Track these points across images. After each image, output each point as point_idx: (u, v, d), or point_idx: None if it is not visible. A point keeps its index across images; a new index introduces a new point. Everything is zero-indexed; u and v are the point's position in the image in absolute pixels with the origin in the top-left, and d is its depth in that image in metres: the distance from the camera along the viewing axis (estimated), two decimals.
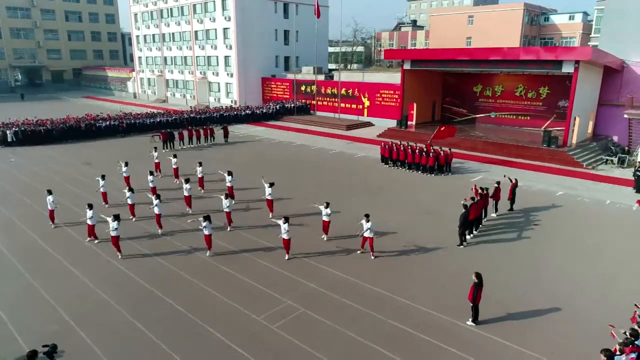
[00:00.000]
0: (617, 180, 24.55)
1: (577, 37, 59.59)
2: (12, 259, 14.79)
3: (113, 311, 11.84)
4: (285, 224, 14.30)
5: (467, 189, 22.04)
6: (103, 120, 37.53)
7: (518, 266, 14.49)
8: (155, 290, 12.88)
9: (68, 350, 9.96)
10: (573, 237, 16.89)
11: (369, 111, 42.86)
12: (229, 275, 13.76)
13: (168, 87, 63.07)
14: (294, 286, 13.11)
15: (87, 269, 14.07)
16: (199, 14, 54.15)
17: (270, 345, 10.49)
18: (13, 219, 18.25)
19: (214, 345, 10.52)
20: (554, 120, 34.00)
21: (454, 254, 15.40)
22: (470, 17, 62.82)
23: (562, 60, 27.11)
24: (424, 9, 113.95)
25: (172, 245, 15.85)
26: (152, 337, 10.75)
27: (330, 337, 10.80)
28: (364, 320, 11.48)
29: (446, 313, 11.81)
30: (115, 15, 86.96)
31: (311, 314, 11.69)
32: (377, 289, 13.03)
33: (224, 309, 11.97)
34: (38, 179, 24.10)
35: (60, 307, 11.95)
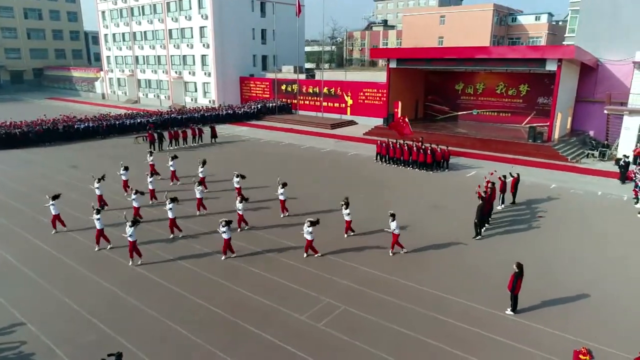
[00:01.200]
0: (601, 173, 25.81)
1: (543, 37, 62.20)
2: (27, 270, 14.03)
3: (150, 317, 11.47)
4: (310, 227, 14.26)
5: (465, 185, 22.83)
6: (81, 122, 36.04)
7: (537, 256, 15.00)
8: (187, 294, 12.55)
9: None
10: (578, 228, 17.66)
11: (352, 110, 43.14)
12: (259, 276, 13.59)
13: (140, 88, 61.23)
14: (328, 284, 13.09)
15: (108, 275, 13.55)
16: (173, 12, 52.87)
17: (322, 343, 10.45)
18: (12, 227, 17.28)
19: (266, 345, 10.38)
20: (533, 117, 35.35)
21: (473, 246, 15.79)
22: (442, 17, 64.41)
23: (546, 58, 28.22)
24: (391, 9, 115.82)
25: (191, 247, 15.47)
26: (200, 341, 10.49)
27: (378, 332, 10.87)
28: (406, 314, 11.61)
29: (482, 303, 12.11)
30: (78, 13, 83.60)
31: (354, 311, 11.72)
32: (410, 283, 13.20)
33: (264, 309, 11.81)
34: (26, 185, 22.92)
35: (91, 316, 11.47)
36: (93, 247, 15.40)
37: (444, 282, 13.23)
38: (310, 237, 14.37)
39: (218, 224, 14.47)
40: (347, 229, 16.38)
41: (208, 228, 17.05)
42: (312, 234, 14.37)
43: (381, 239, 16.00)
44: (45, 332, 10.78)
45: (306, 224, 14.32)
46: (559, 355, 9.96)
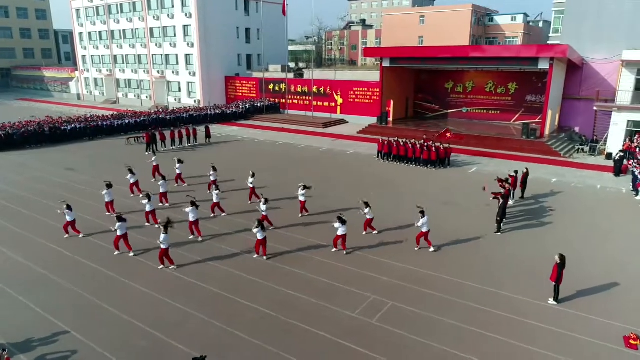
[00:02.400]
0: (594, 167, 26.86)
1: (519, 37, 64.07)
2: (54, 277, 13.47)
3: (198, 319, 11.23)
4: (342, 225, 14.28)
5: (470, 181, 23.41)
6: (68, 123, 34.78)
7: (559, 248, 15.38)
8: (228, 294, 12.36)
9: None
10: (589, 220, 18.32)
11: (342, 109, 43.31)
12: (296, 275, 13.51)
13: (119, 88, 59.58)
14: (368, 281, 13.15)
15: (140, 279, 13.19)
16: (154, 10, 51.67)
17: (381, 339, 10.50)
18: (26, 234, 16.53)
19: (323, 343, 10.36)
20: (522, 114, 36.42)
21: (497, 241, 16.17)
22: (422, 17, 65.41)
23: (539, 57, 29.14)
24: (365, 9, 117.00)
25: (218, 248, 15.20)
26: (258, 342, 10.35)
27: (432, 326, 11.00)
28: (452, 307, 11.79)
29: (523, 294, 12.43)
30: (47, 11, 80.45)
31: (402, 306, 11.82)
32: (446, 276, 13.42)
33: (311, 308, 11.76)
34: (24, 189, 21.97)
35: (138, 321, 11.13)
36: (112, 250, 14.94)
37: (479, 275, 13.50)
38: (341, 232, 14.38)
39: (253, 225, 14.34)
40: (366, 227, 16.41)
41: (228, 228, 16.86)
42: (344, 230, 14.39)
43: (401, 235, 16.20)
44: (94, 340, 10.40)
45: (337, 222, 14.33)
46: (610, 341, 10.35)
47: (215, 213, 18.20)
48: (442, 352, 10.05)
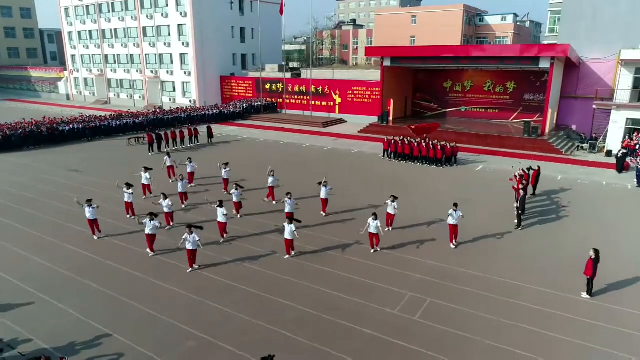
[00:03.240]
0: (596, 164, 27.44)
1: (509, 37, 65.05)
2: (84, 280, 13.25)
3: (240, 320, 11.18)
4: (375, 221, 14.36)
5: (479, 178, 23.84)
6: (66, 124, 34.14)
7: (580, 243, 15.78)
8: (265, 294, 12.32)
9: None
10: (602, 216, 18.71)
11: (341, 108, 43.40)
12: (330, 273, 13.52)
13: (110, 88, 58.67)
14: (401, 278, 13.23)
15: (173, 281, 13.05)
16: (147, 10, 51.01)
17: (425, 334, 10.60)
18: (46, 237, 16.20)
19: (371, 340, 10.40)
20: (520, 113, 37.01)
21: (519, 237, 16.43)
22: (414, 17, 65.92)
23: (540, 56, 29.67)
24: (353, 9, 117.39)
25: (248, 250, 15.09)
26: (304, 340, 10.36)
27: (473, 321, 11.13)
28: (488, 302, 11.95)
29: (554, 289, 12.66)
30: (32, 10, 78.69)
31: (440, 303, 11.94)
32: (477, 272, 13.59)
33: (351, 306, 11.79)
34: (33, 191, 21.52)
35: (180, 323, 11.02)
36: (139, 252, 14.77)
37: (506, 270, 13.72)
38: (376, 231, 14.46)
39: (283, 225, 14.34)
40: (389, 224, 16.51)
41: (251, 229, 16.79)
42: (379, 228, 14.46)
43: (423, 233, 16.38)
44: (139, 342, 10.27)
45: (372, 218, 14.41)
46: None
47: (239, 213, 18.06)
48: (485, 346, 10.19)
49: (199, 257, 13.85)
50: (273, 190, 19.52)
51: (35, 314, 11.36)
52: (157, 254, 14.67)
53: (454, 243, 15.40)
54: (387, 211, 16.14)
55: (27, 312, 11.42)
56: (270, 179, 19.41)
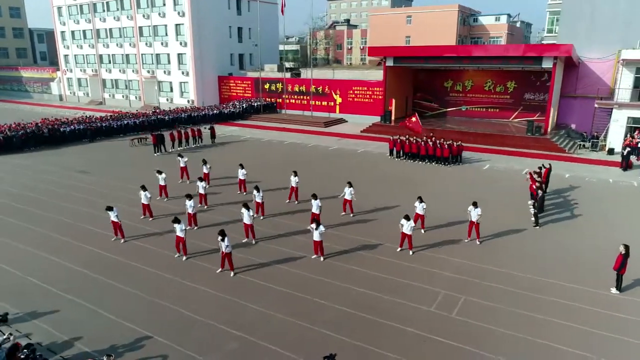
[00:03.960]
0: (600, 162, 27.87)
1: (503, 37, 65.71)
2: (113, 282, 13.10)
3: (279, 320, 11.17)
4: (409, 221, 14.44)
5: (487, 177, 24.21)
6: (67, 125, 33.67)
7: (600, 240, 16.08)
8: (302, 294, 12.31)
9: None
10: (614, 212, 19.05)
11: (341, 108, 43.46)
12: (361, 273, 13.55)
13: (105, 88, 57.96)
14: (433, 276, 13.33)
15: (206, 282, 12.98)
16: (144, 9, 50.49)
17: (463, 331, 10.69)
18: (65, 239, 15.99)
19: (409, 337, 10.48)
20: (520, 112, 37.46)
21: (538, 234, 16.65)
22: (409, 17, 66.20)
23: (543, 56, 30.07)
24: (344, 9, 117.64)
25: (277, 250, 15.01)
26: (349, 340, 10.38)
27: (509, 317, 11.25)
28: (519, 299, 12.09)
29: (581, 284, 12.86)
30: (21, 9, 77.28)
31: (474, 300, 12.05)
32: (504, 270, 13.74)
33: (388, 304, 11.84)
34: (43, 193, 21.22)
35: (219, 323, 10.97)
36: (161, 253, 14.68)
37: (532, 267, 13.89)
38: (410, 231, 14.52)
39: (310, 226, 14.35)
40: (416, 220, 16.56)
41: (275, 229, 16.76)
42: (412, 228, 14.54)
43: (444, 232, 16.52)
44: (181, 343, 10.20)
45: (404, 220, 14.48)
46: None
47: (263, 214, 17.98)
48: (524, 341, 10.32)
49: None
50: (297, 191, 19.48)
51: (69, 317, 11.21)
52: (180, 255, 14.54)
53: (479, 240, 15.55)
54: (417, 212, 16.19)
55: (60, 315, 11.26)
56: (293, 179, 19.35)
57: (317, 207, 16.38)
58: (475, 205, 15.27)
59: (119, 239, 15.73)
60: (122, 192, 20.91)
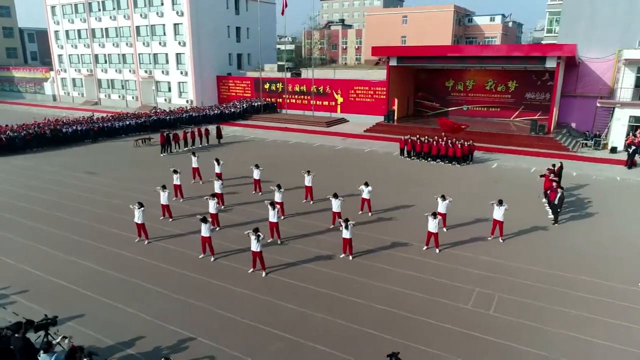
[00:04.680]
0: (604, 160, 28.32)
1: (498, 37, 66.43)
2: (144, 283, 12.97)
3: (319, 319, 11.17)
4: (435, 219, 14.53)
5: (500, 176, 24.53)
6: (69, 126, 33.24)
7: (621, 236, 16.34)
8: (337, 294, 12.31)
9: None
10: (629, 209, 19.37)
11: (343, 107, 43.52)
12: (392, 272, 13.59)
13: (101, 88, 57.29)
14: (463, 274, 13.41)
15: (239, 282, 12.91)
16: (141, 8, 50.01)
17: (504, 327, 10.79)
18: (88, 241, 15.79)
19: (452, 334, 10.54)
20: (522, 111, 37.89)
21: (559, 231, 16.88)
22: (405, 17, 66.60)
23: (547, 56, 30.47)
24: (336, 9, 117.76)
25: (305, 250, 14.96)
26: (393, 338, 10.40)
27: (545, 314, 11.38)
28: (556, 296, 12.22)
29: (609, 280, 13.06)
30: (11, 8, 75.90)
31: (508, 297, 12.17)
32: (531, 266, 13.88)
33: (425, 303, 11.89)
34: (54, 194, 20.92)
35: (261, 324, 10.93)
36: (187, 254, 14.59)
37: (558, 264, 14.06)
38: (435, 229, 14.63)
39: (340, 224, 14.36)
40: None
41: (298, 229, 16.74)
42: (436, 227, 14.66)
43: (466, 230, 16.67)
44: (226, 344, 10.14)
45: (431, 217, 14.56)
46: None
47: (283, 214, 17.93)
48: (564, 337, 10.44)
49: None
50: (312, 191, 19.49)
51: (107, 319, 11.07)
52: (206, 255, 14.45)
53: (502, 238, 15.72)
54: (439, 211, 16.25)
55: (98, 318, 11.12)
56: (307, 178, 19.35)
57: (337, 206, 16.42)
58: (501, 203, 15.41)
59: (143, 240, 15.57)
60: (135, 193, 20.63)
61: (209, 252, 14.33)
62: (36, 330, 8.62)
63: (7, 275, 13.20)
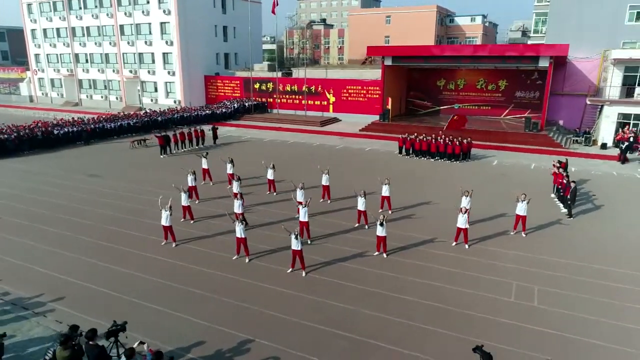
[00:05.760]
0: (596, 156, 29.41)
1: (479, 37, 67.89)
2: (183, 286, 12.75)
3: (371, 317, 11.24)
4: (463, 215, 14.81)
5: (502, 172, 24.92)
6: (60, 127, 32.19)
7: (631, 227, 17.04)
8: (379, 290, 12.42)
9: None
10: (633, 202, 20.22)
11: (335, 107, 43.67)
12: (428, 268, 13.78)
13: (82, 88, 55.64)
14: (498, 268, 13.75)
15: (281, 283, 12.85)
16: (125, 7, 48.83)
17: (551, 318, 11.11)
18: (115, 246, 15.38)
19: (510, 328, 10.79)
20: (512, 109, 38.91)
21: (576, 224, 17.47)
22: (388, 17, 67.24)
23: (540, 56, 31.42)
24: (314, 9, 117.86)
25: (337, 249, 14.99)
26: (443, 331, 10.59)
27: (588, 305, 11.76)
28: (593, 287, 12.63)
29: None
30: None
31: (548, 289, 12.52)
32: (561, 259, 14.32)
33: (471, 297, 12.09)
34: (65, 198, 20.25)
35: (316, 324, 10.92)
36: (219, 256, 14.44)
37: (587, 256, 14.57)
38: (464, 225, 14.90)
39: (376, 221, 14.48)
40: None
41: (323, 228, 16.76)
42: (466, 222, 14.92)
43: (488, 225, 17.09)
44: (287, 345, 10.08)
45: (464, 215, 14.83)
46: None
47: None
48: (609, 326, 10.83)
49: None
50: (329, 190, 19.53)
51: (157, 325, 10.84)
52: (240, 256, 14.32)
53: (524, 232, 16.16)
54: (463, 206, 16.49)
55: (146, 323, 10.83)
56: (324, 177, 19.37)
57: (362, 204, 16.53)
58: (524, 198, 15.85)
59: (170, 243, 15.29)
60: (146, 195, 20.28)
61: (244, 253, 14.20)
62: (107, 336, 8.39)
63: (39, 283, 12.74)
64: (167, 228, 15.10)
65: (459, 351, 9.81)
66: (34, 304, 11.76)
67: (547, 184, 22.10)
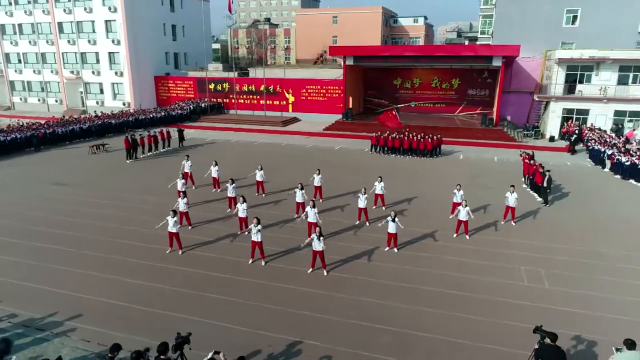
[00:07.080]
0: (547, 148, 31.96)
1: (421, 38, 70.75)
2: (211, 294, 12.36)
3: (404, 309, 11.58)
4: (465, 208, 15.60)
5: (468, 166, 26.73)
6: (6, 134, 29.57)
7: (610, 211, 18.76)
8: (403, 284, 12.80)
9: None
10: (596, 190, 22.26)
11: (294, 107, 43.73)
12: (441, 259, 14.35)
13: (14, 91, 51.32)
14: (503, 255, 14.64)
15: (307, 284, 12.86)
16: (64, 3, 45.69)
17: (566, 298, 12.06)
18: (117, 257, 14.52)
19: (533, 310, 11.54)
20: (464, 106, 41.09)
21: (556, 210, 18.96)
22: (335, 17, 68.31)
23: (494, 56, 33.51)
24: (253, 7, 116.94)
25: (349, 247, 15.16)
26: (474, 317, 11.17)
27: (595, 283, 12.83)
28: (594, 267, 13.76)
29: (634, 250, 15.09)
30: None
31: (556, 272, 13.49)
32: (557, 245, 15.47)
33: (490, 286, 12.73)
34: (42, 210, 18.72)
35: (355, 320, 11.09)
36: (236, 261, 14.16)
37: (580, 239, 15.92)
38: (465, 218, 15.68)
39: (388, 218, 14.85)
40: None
41: (328, 228, 16.88)
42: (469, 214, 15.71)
43: (480, 217, 18.11)
44: (335, 343, 10.16)
45: (465, 208, 15.59)
46: None
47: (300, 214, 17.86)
48: (619, 301, 11.97)
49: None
50: (321, 189, 19.66)
51: (203, 334, 10.43)
52: (255, 260, 14.14)
53: (514, 221, 17.31)
54: (456, 200, 17.35)
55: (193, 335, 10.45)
56: (316, 178, 19.47)
57: (364, 202, 16.88)
58: (512, 191, 16.97)
59: (176, 251, 14.73)
60: (131, 202, 19.35)
61: (259, 256, 14.02)
62: (175, 349, 8.05)
63: (49, 302, 11.77)
64: (174, 234, 14.53)
65: (496, 335, 10.43)
66: (49, 324, 10.90)
67: (517, 175, 23.71)
